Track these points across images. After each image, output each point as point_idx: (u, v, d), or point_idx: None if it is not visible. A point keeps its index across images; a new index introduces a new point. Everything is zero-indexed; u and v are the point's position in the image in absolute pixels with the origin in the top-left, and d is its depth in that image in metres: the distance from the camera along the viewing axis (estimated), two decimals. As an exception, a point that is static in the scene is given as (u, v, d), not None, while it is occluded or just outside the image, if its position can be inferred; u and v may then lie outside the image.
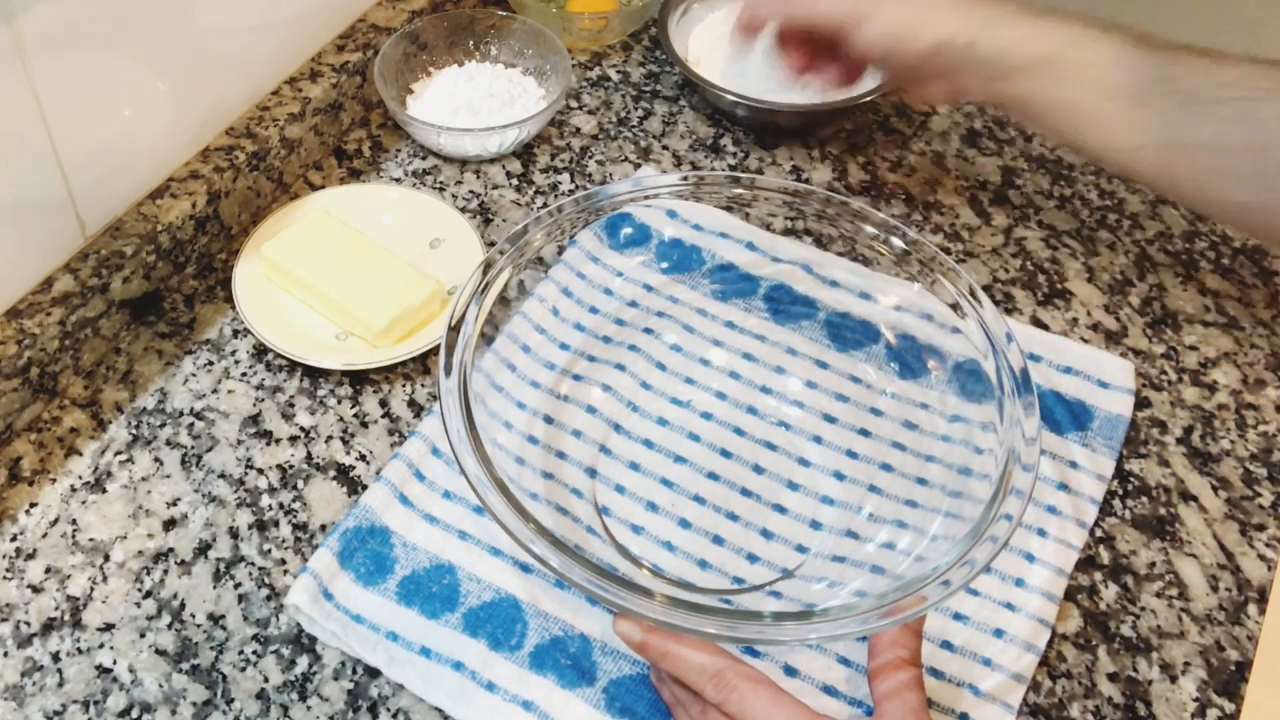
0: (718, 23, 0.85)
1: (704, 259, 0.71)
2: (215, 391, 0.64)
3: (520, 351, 0.65)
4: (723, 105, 0.81)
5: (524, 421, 0.62)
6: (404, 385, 0.65)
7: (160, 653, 0.54)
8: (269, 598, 0.56)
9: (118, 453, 0.61)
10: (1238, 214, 0.62)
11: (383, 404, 0.64)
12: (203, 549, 0.58)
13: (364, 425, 0.63)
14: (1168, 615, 0.57)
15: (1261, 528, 0.61)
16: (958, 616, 0.56)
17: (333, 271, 0.67)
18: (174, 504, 0.59)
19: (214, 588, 0.56)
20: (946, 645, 0.55)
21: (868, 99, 0.78)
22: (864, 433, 0.63)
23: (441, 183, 0.77)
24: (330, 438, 0.62)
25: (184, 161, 0.69)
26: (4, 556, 0.57)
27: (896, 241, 0.65)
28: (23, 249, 0.60)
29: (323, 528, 0.59)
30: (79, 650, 0.54)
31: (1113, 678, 0.55)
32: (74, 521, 0.58)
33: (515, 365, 0.64)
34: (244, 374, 0.65)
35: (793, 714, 0.46)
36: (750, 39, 0.70)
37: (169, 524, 0.58)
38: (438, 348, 0.56)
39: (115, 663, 0.53)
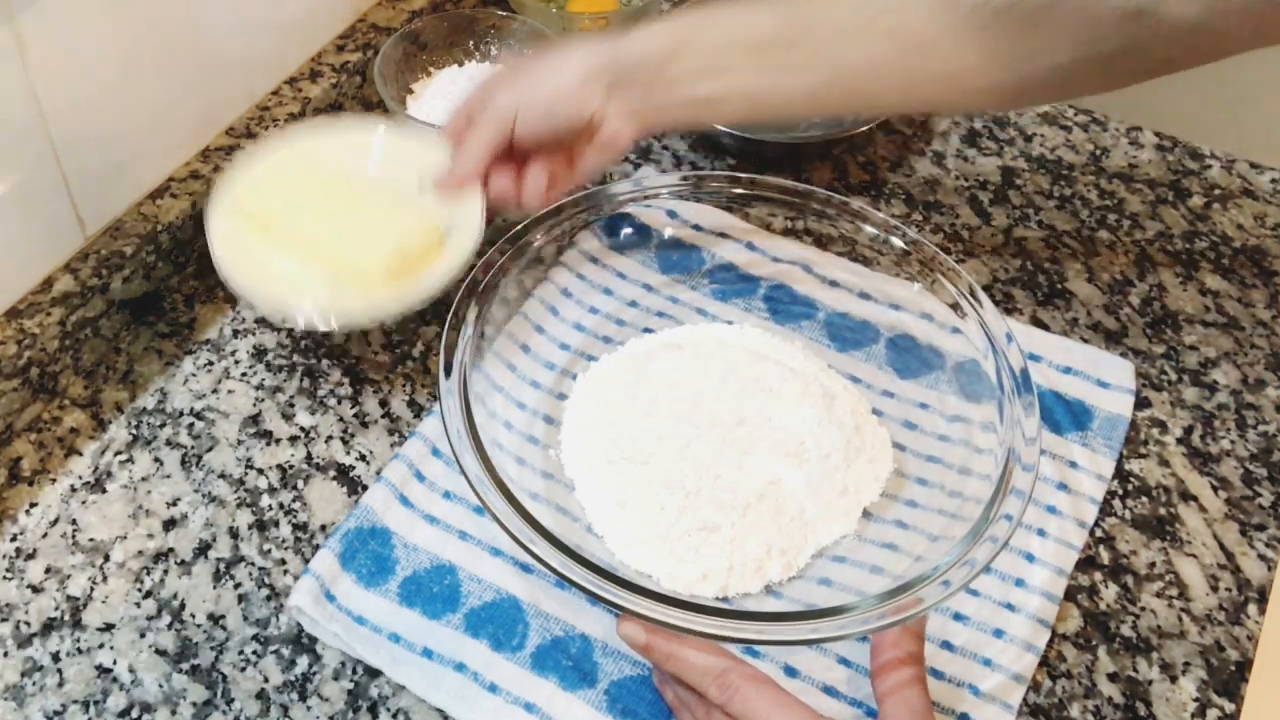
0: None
1: (704, 259, 0.71)
2: (215, 391, 0.64)
3: (520, 351, 0.65)
4: (714, 137, 0.80)
5: (524, 421, 0.62)
6: (404, 385, 0.65)
7: (160, 653, 0.54)
8: (269, 598, 0.56)
9: (118, 453, 0.61)
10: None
11: (383, 404, 0.64)
12: (203, 549, 0.58)
13: (364, 425, 0.63)
14: (1168, 615, 0.57)
15: (1261, 528, 0.61)
16: (958, 616, 0.56)
17: (319, 217, 0.62)
18: (174, 504, 0.59)
19: (214, 588, 0.56)
20: (946, 645, 0.55)
21: (851, 132, 0.78)
22: (864, 433, 0.63)
23: (441, 183, 0.77)
24: (330, 438, 0.62)
25: (184, 161, 0.69)
26: (4, 556, 0.57)
27: (896, 241, 0.65)
28: (23, 249, 0.60)
29: (323, 528, 0.59)
30: (79, 650, 0.54)
31: (1113, 678, 0.55)
32: (74, 521, 0.58)
33: (515, 365, 0.64)
34: (244, 374, 0.65)
35: (795, 715, 0.46)
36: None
37: (169, 524, 0.58)
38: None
39: (115, 663, 0.53)
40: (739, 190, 0.67)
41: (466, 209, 0.62)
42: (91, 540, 0.58)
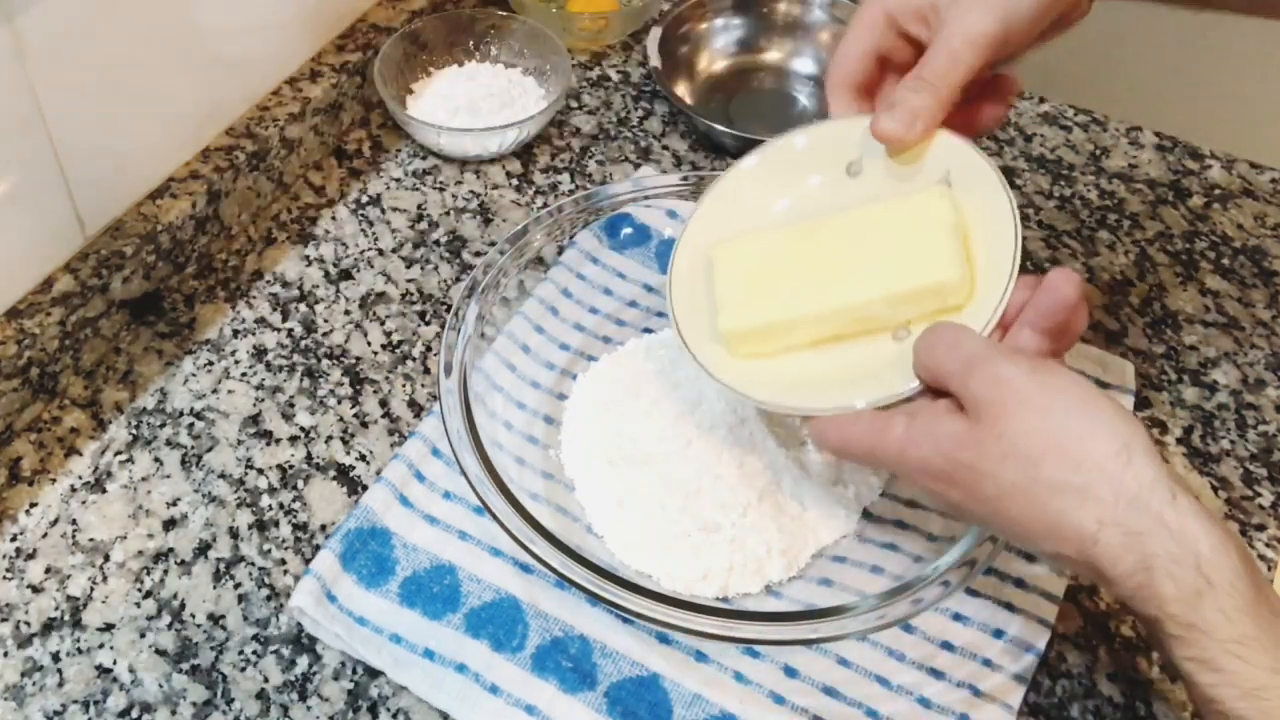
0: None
1: (704, 259, 0.71)
2: (215, 391, 0.64)
3: (520, 351, 0.65)
4: (714, 137, 0.80)
5: (524, 421, 0.62)
6: (404, 385, 0.65)
7: (160, 653, 0.54)
8: (269, 598, 0.56)
9: (118, 453, 0.61)
10: None
11: (383, 404, 0.64)
12: (203, 549, 0.58)
13: (364, 425, 0.63)
14: (1168, 615, 0.57)
15: (1261, 528, 0.61)
16: (958, 617, 0.56)
17: (827, 280, 0.51)
18: (174, 504, 0.59)
19: (214, 588, 0.56)
20: (946, 645, 0.55)
21: None
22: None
23: (441, 183, 0.77)
24: (330, 438, 0.62)
25: (184, 161, 0.69)
26: (4, 556, 0.57)
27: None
28: (23, 249, 0.60)
29: (323, 528, 0.59)
30: (79, 650, 0.54)
31: (1113, 678, 0.55)
32: (74, 521, 0.58)
33: (515, 365, 0.64)
34: (244, 374, 0.65)
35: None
36: None
37: (169, 524, 0.58)
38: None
39: (115, 663, 0.53)
40: (739, 190, 0.67)
41: (963, 168, 0.50)
42: (91, 540, 0.58)
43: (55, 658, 0.53)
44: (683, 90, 0.85)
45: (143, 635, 0.54)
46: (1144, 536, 0.41)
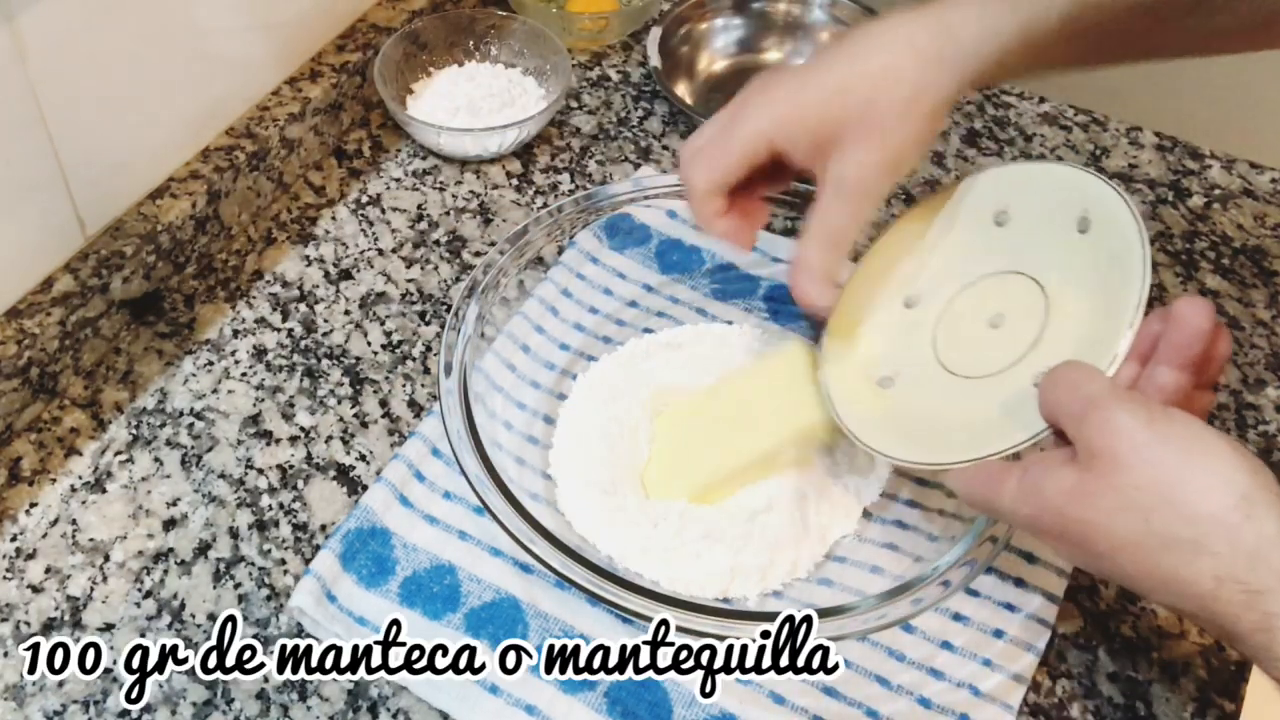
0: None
1: (704, 259, 0.71)
2: (215, 391, 0.64)
3: (520, 351, 0.65)
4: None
5: (524, 421, 0.62)
6: (404, 385, 0.65)
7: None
8: (269, 598, 0.56)
9: (118, 453, 0.61)
10: None
11: (383, 404, 0.64)
12: (203, 549, 0.58)
13: (364, 425, 0.63)
14: (1168, 615, 0.57)
15: (1261, 528, 0.61)
16: (958, 617, 0.56)
17: (731, 439, 0.58)
18: (174, 504, 0.59)
19: (214, 588, 0.56)
20: (946, 645, 0.55)
21: None
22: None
23: (441, 183, 0.77)
24: (330, 438, 0.62)
25: (184, 161, 0.69)
26: (4, 556, 0.57)
27: (897, 242, 0.64)
28: (23, 249, 0.60)
29: (323, 528, 0.59)
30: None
31: (1113, 678, 0.55)
32: (74, 521, 0.58)
33: (515, 365, 0.64)
34: (244, 374, 0.65)
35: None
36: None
37: (169, 524, 0.58)
38: None
39: (115, 662, 0.53)
40: (739, 190, 0.67)
41: (1097, 201, 0.51)
42: (91, 540, 0.58)
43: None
44: (683, 90, 0.85)
45: (143, 635, 0.54)
46: (1264, 595, 0.38)
